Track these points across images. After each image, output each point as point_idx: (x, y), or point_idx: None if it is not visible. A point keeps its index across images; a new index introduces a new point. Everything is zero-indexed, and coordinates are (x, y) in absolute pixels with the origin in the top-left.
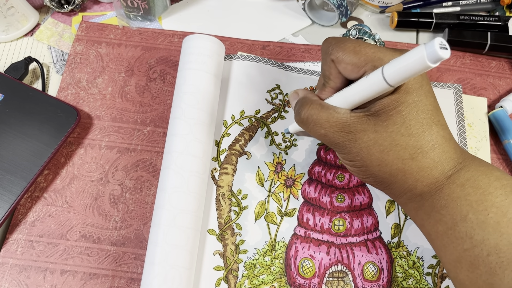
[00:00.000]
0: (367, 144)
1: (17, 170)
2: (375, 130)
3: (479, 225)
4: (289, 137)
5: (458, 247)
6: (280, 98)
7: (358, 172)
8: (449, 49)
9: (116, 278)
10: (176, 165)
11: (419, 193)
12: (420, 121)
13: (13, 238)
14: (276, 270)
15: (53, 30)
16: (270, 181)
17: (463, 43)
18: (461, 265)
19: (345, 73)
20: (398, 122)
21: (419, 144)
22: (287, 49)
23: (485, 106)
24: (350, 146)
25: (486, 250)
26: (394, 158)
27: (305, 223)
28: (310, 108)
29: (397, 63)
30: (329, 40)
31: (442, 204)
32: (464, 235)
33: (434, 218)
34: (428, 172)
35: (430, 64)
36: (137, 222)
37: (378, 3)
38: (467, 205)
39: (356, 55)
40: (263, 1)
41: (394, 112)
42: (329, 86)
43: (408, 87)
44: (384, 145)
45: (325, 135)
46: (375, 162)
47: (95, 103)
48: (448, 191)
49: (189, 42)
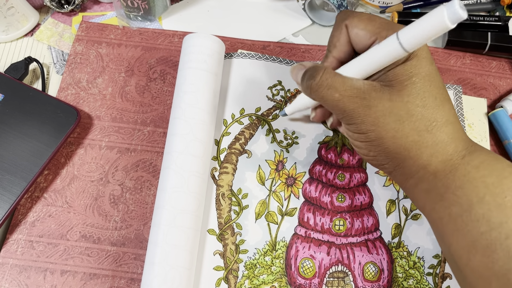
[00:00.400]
0: (383, 113)
1: (17, 170)
2: (390, 99)
3: (497, 208)
4: (290, 135)
5: (474, 230)
6: (282, 94)
7: (370, 147)
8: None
9: (116, 278)
10: (176, 165)
11: (433, 171)
12: (434, 95)
13: (13, 238)
14: (277, 270)
15: (53, 30)
16: (271, 179)
17: (463, 43)
18: (476, 250)
19: (355, 40)
20: (413, 93)
21: (434, 117)
22: (287, 49)
23: (485, 106)
24: (365, 115)
25: (505, 233)
26: (409, 129)
27: (305, 222)
28: (325, 73)
29: (414, 26)
30: (346, 10)
31: (457, 185)
32: (481, 218)
33: (448, 200)
34: (443, 147)
35: (449, 25)
36: (137, 222)
37: (378, 3)
38: (483, 187)
39: (370, 22)
40: (263, 1)
41: (409, 83)
42: (332, 56)
43: (420, 60)
44: (400, 115)
45: (339, 100)
46: (391, 133)
47: (95, 103)
48: (463, 172)
49: (189, 41)
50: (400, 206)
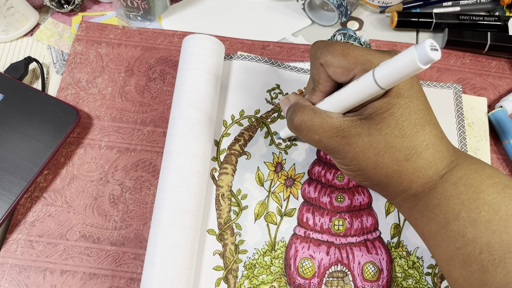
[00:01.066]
0: (362, 148)
1: (17, 170)
2: (369, 134)
3: (471, 223)
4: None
5: (451, 245)
6: (280, 98)
7: (355, 175)
8: (440, 50)
9: (116, 278)
10: (176, 165)
11: (413, 193)
12: (413, 121)
13: (13, 238)
14: (276, 270)
15: (53, 30)
16: (270, 180)
17: (463, 43)
18: (454, 263)
19: (335, 77)
20: (391, 124)
21: (413, 144)
22: (287, 49)
23: (485, 106)
24: (345, 151)
25: (478, 248)
26: (389, 160)
27: (304, 223)
28: (303, 114)
29: (388, 65)
30: (317, 44)
31: (435, 203)
32: (456, 234)
33: (428, 217)
34: (422, 172)
35: (421, 66)
36: (137, 222)
37: (378, 3)
38: (459, 203)
39: (345, 58)
40: (263, 1)
41: (387, 114)
42: (319, 90)
43: (399, 89)
44: (379, 148)
45: (319, 140)
46: (371, 165)
47: (95, 103)
48: (441, 190)
49: (189, 42)
50: None
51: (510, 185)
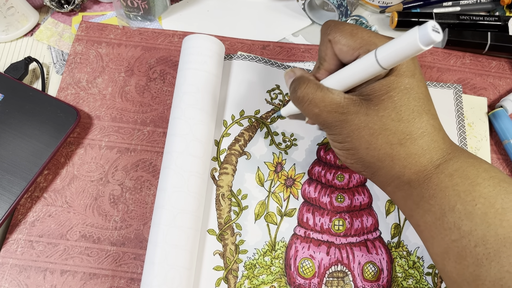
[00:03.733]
0: (358, 126)
1: (17, 170)
2: (367, 113)
3: (467, 216)
4: (289, 137)
5: (446, 238)
6: (280, 98)
7: (347, 155)
8: (441, 33)
9: (116, 278)
10: (176, 165)
11: (406, 180)
12: (411, 108)
13: (13, 238)
14: (276, 270)
15: (53, 30)
16: (270, 181)
17: (463, 43)
18: (449, 256)
19: (340, 55)
20: (389, 107)
21: (408, 130)
22: (287, 49)
23: (485, 106)
24: (342, 127)
25: (474, 241)
26: (382, 142)
27: (305, 223)
28: (307, 87)
29: (390, 45)
30: (329, 22)
31: (430, 194)
32: (452, 226)
33: (423, 208)
34: (416, 159)
35: (422, 47)
36: (137, 222)
37: (378, 3)
38: (455, 195)
39: (352, 37)
40: (263, 1)
41: (386, 97)
42: (323, 68)
43: (400, 74)
44: (374, 129)
45: (318, 114)
46: (364, 144)
47: (95, 103)
48: (436, 181)
49: (189, 42)
50: None
51: (506, 180)
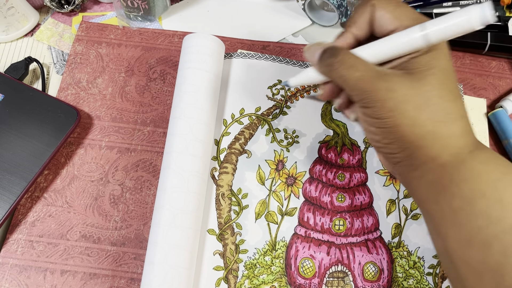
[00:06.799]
0: (404, 98)
1: (17, 170)
2: (412, 86)
3: (498, 203)
4: (291, 134)
5: (472, 224)
6: (282, 94)
7: (385, 134)
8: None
9: (116, 278)
10: (176, 165)
11: (441, 163)
12: (450, 88)
13: (13, 238)
14: (277, 270)
15: (53, 30)
16: (271, 179)
17: (463, 43)
18: (473, 244)
19: (379, 22)
20: (432, 83)
21: (451, 109)
22: (287, 49)
23: (484, 106)
24: (385, 98)
25: (502, 229)
26: (426, 118)
27: (305, 222)
28: (346, 52)
29: (443, 20)
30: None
31: (461, 178)
32: (481, 212)
33: (451, 192)
34: (455, 140)
35: (478, 26)
36: (137, 222)
37: None
38: (487, 181)
39: (398, 7)
40: (263, 1)
41: (429, 73)
42: (351, 32)
43: (440, 53)
44: (419, 103)
45: (360, 79)
46: (409, 120)
47: (95, 103)
48: (470, 165)
49: (189, 41)
50: (400, 206)
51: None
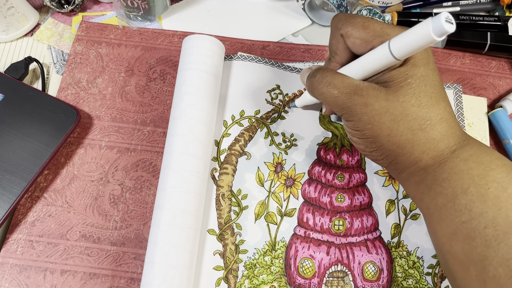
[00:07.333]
0: (379, 112)
1: (17, 170)
2: (387, 99)
3: (479, 198)
4: (289, 138)
5: (456, 219)
6: (280, 99)
7: (366, 143)
8: (454, 23)
9: (116, 278)
10: (176, 165)
11: (423, 166)
12: (429, 94)
13: (13, 238)
14: (276, 270)
15: (53, 30)
16: (270, 181)
17: (463, 43)
18: (457, 237)
19: (354, 48)
20: (408, 93)
21: (428, 116)
22: (287, 49)
23: (485, 106)
24: (362, 113)
25: (484, 223)
26: (404, 128)
27: (305, 223)
28: (326, 71)
29: (403, 37)
30: (339, 15)
31: (444, 177)
32: (463, 208)
33: (435, 191)
34: (435, 144)
35: (435, 38)
36: (137, 222)
37: (378, 3)
38: (468, 178)
39: (365, 30)
40: (263, 1)
41: (404, 84)
42: (335, 61)
43: (416, 62)
44: (395, 114)
45: (337, 96)
46: (386, 131)
47: (95, 103)
48: (451, 165)
49: (189, 42)
50: (399, 206)
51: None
